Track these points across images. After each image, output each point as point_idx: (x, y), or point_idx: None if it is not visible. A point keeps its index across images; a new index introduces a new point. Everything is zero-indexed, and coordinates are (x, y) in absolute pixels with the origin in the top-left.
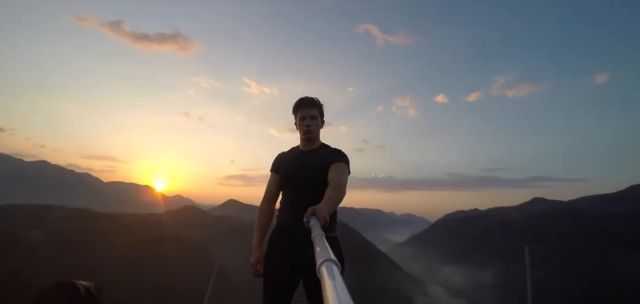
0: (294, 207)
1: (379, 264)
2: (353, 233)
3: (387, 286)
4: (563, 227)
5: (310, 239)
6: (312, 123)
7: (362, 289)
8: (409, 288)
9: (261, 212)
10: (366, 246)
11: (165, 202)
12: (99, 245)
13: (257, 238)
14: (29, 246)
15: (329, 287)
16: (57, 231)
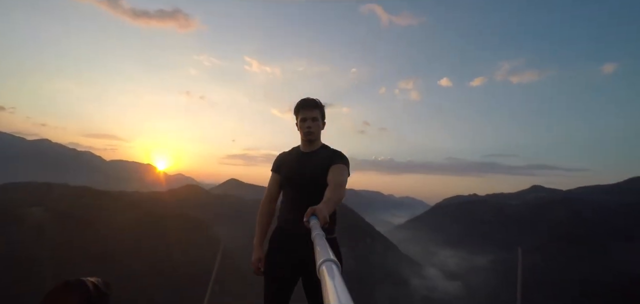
0: (294, 207)
1: (376, 245)
2: (352, 214)
3: (384, 267)
4: (561, 216)
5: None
6: (313, 125)
7: (360, 269)
8: (406, 269)
9: (262, 211)
10: (365, 227)
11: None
12: (102, 223)
13: (258, 237)
14: (33, 224)
15: (329, 287)
16: (60, 209)
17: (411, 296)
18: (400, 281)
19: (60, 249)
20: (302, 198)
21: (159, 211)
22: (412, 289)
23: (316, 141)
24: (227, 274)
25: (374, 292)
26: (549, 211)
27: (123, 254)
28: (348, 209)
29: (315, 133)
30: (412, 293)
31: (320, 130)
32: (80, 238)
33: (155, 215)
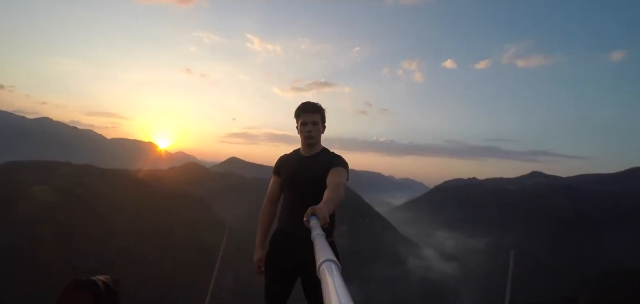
0: (294, 210)
1: (375, 225)
2: (351, 194)
3: (382, 247)
4: (559, 203)
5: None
6: (313, 129)
7: (357, 248)
8: (403, 250)
9: (263, 212)
10: (364, 207)
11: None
12: (105, 201)
13: (259, 238)
14: (38, 202)
15: (329, 287)
16: (64, 187)
17: (408, 276)
18: (397, 261)
19: (65, 227)
20: (301, 201)
21: (161, 189)
22: (409, 269)
23: (316, 144)
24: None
25: (371, 271)
26: (547, 197)
27: (127, 232)
28: (347, 189)
29: (316, 137)
30: (409, 272)
31: (321, 134)
32: (85, 216)
33: (158, 193)
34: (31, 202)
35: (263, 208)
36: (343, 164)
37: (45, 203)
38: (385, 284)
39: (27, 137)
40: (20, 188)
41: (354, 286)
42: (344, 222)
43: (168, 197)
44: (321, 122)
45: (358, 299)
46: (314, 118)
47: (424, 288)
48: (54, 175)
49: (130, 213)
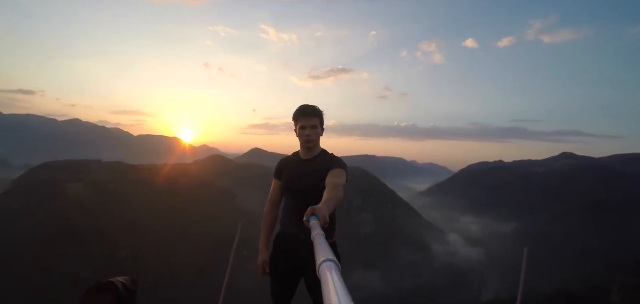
0: (295, 213)
1: (398, 211)
2: (374, 180)
3: (405, 233)
4: (590, 184)
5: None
6: (312, 133)
7: (382, 234)
8: (428, 235)
9: (266, 216)
10: (387, 193)
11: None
12: (135, 195)
13: (263, 241)
14: (74, 198)
15: (329, 287)
16: (97, 183)
17: (432, 262)
18: (421, 247)
19: (99, 221)
20: (301, 204)
21: (187, 182)
22: (433, 254)
23: (315, 148)
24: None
25: (395, 257)
26: (578, 179)
27: (156, 223)
28: (370, 176)
29: (315, 140)
30: (434, 258)
31: (320, 137)
32: (116, 210)
33: (184, 186)
34: (66, 199)
35: (265, 212)
36: (342, 166)
37: (79, 199)
38: (409, 270)
39: (59, 138)
40: (56, 186)
41: (378, 273)
42: (368, 209)
43: (194, 189)
44: (320, 125)
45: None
46: (313, 122)
47: (449, 274)
48: (86, 173)
49: (159, 205)
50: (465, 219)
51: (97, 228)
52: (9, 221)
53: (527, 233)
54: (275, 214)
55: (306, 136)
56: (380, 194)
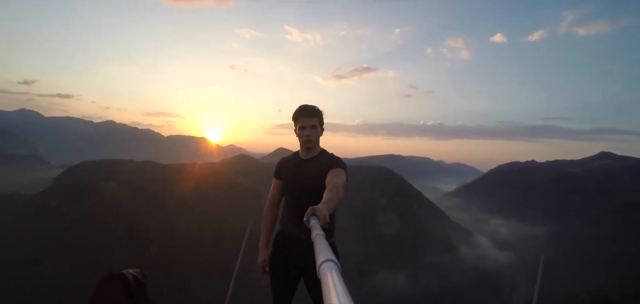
0: (294, 212)
1: (424, 212)
2: (399, 180)
3: (431, 234)
4: (628, 185)
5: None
6: (311, 133)
7: (407, 235)
8: (454, 237)
9: (266, 215)
10: (413, 193)
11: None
12: (165, 193)
13: (262, 240)
14: (108, 196)
15: (329, 287)
16: (129, 181)
17: (459, 264)
18: (448, 249)
19: (132, 218)
20: (301, 203)
21: (214, 181)
22: (460, 257)
23: (315, 147)
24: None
25: (421, 259)
26: (616, 179)
27: (186, 220)
28: (395, 175)
29: (314, 141)
30: (461, 260)
31: (319, 137)
32: (148, 207)
33: (211, 184)
34: (100, 197)
35: (265, 211)
36: (342, 165)
37: (113, 197)
38: (435, 272)
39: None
40: (91, 185)
41: (403, 275)
42: (393, 209)
43: (221, 188)
44: (319, 125)
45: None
46: (312, 122)
47: (477, 277)
48: (119, 172)
49: (188, 203)
50: (495, 221)
51: (128, 224)
52: (49, 217)
53: (560, 236)
54: (275, 213)
55: (305, 135)
56: (405, 194)
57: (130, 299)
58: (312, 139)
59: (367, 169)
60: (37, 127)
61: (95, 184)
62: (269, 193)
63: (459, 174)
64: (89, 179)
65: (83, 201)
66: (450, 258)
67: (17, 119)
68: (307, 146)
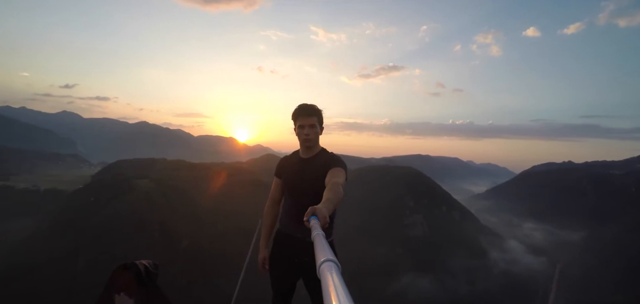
0: (294, 211)
1: (453, 214)
2: (427, 181)
3: (460, 237)
4: None
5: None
6: (311, 132)
7: (434, 237)
8: (485, 241)
9: (266, 213)
10: (441, 195)
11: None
12: (195, 190)
13: (263, 238)
14: (142, 193)
15: (328, 287)
16: (162, 179)
17: (489, 269)
18: (478, 253)
19: (164, 213)
20: (301, 202)
21: (242, 179)
22: (490, 261)
23: (314, 146)
24: None
25: (449, 262)
26: None
27: (214, 216)
28: (423, 176)
29: (313, 139)
30: (491, 265)
31: (319, 135)
32: (179, 203)
33: (239, 183)
34: (134, 193)
35: (266, 209)
36: (341, 165)
37: (146, 193)
38: (464, 276)
39: (129, 139)
40: (126, 182)
41: (429, 278)
42: (420, 211)
43: (248, 186)
44: (318, 124)
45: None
46: (311, 121)
47: (508, 283)
48: (152, 170)
49: (216, 200)
50: (528, 225)
51: (160, 219)
52: (87, 211)
53: (599, 242)
54: (276, 211)
55: (304, 134)
56: (433, 195)
57: (140, 287)
58: (311, 138)
59: (394, 169)
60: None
61: (130, 182)
62: (270, 193)
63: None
64: (124, 177)
65: (118, 197)
66: (480, 262)
67: (59, 121)
68: (306, 145)
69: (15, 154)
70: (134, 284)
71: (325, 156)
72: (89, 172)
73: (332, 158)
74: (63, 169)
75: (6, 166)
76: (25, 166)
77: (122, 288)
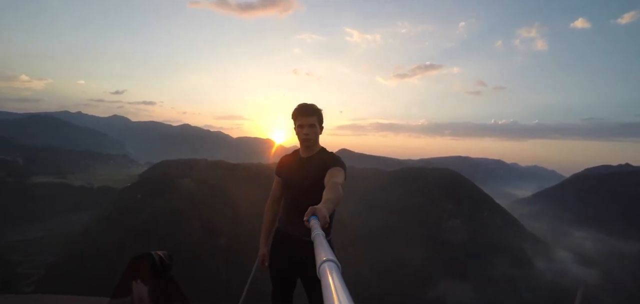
0: (293, 210)
1: (496, 219)
2: (467, 184)
3: (503, 243)
4: None
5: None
6: (310, 131)
7: (474, 243)
8: (530, 249)
9: (266, 212)
10: (483, 199)
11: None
12: (234, 189)
13: (263, 236)
14: (184, 191)
15: (329, 287)
16: (202, 178)
17: (534, 279)
18: (521, 262)
19: (204, 211)
20: (300, 201)
21: None
22: (536, 271)
23: (314, 146)
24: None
25: (489, 270)
26: None
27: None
28: (463, 178)
29: (313, 139)
30: (537, 275)
31: (318, 135)
32: (219, 201)
33: None
34: (177, 192)
35: (266, 207)
36: (341, 164)
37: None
38: (506, 285)
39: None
40: (170, 181)
41: (468, 286)
42: (460, 215)
43: None
44: (318, 123)
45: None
46: (310, 121)
47: (555, 295)
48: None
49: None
50: (578, 233)
51: (201, 217)
52: (135, 208)
53: None
54: (275, 209)
55: (304, 134)
56: (474, 199)
57: (155, 276)
58: (310, 137)
59: (433, 172)
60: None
61: (173, 181)
62: (271, 191)
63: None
64: (168, 176)
65: (163, 195)
66: (523, 271)
67: (111, 124)
68: (305, 145)
69: (72, 155)
70: (149, 274)
71: (324, 156)
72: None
73: (332, 158)
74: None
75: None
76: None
77: (138, 276)
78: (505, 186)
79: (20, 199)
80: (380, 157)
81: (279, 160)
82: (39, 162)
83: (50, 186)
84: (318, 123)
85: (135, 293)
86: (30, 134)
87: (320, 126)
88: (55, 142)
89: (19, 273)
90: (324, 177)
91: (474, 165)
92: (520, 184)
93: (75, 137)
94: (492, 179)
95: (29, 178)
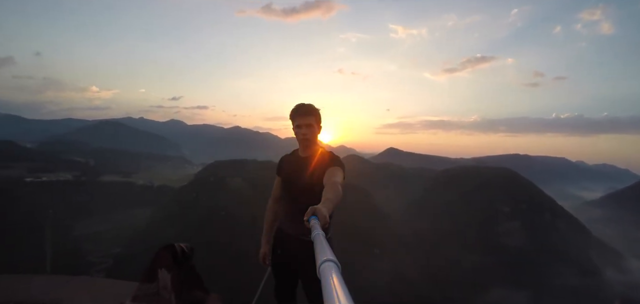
0: (292, 210)
1: (559, 223)
2: (526, 184)
3: (566, 250)
4: None
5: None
6: (308, 131)
7: (533, 248)
8: (599, 258)
9: (268, 211)
10: (544, 201)
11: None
12: None
13: (264, 234)
14: (235, 190)
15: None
16: (252, 178)
17: (603, 291)
18: (588, 271)
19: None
20: (299, 201)
21: None
22: (605, 282)
23: (312, 145)
24: (387, 237)
25: (550, 278)
26: None
27: None
28: (521, 178)
29: (311, 139)
30: (606, 286)
31: (317, 134)
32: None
33: None
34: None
35: (268, 207)
36: (339, 164)
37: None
38: (569, 296)
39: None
40: (222, 180)
41: (525, 295)
42: (517, 218)
43: None
44: (316, 123)
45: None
46: (308, 121)
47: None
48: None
49: None
50: None
51: (250, 215)
52: (190, 206)
53: None
54: (276, 208)
55: (302, 134)
56: (534, 200)
57: (176, 265)
58: (308, 137)
59: (487, 171)
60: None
61: (225, 180)
62: (272, 191)
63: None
64: (220, 176)
65: (216, 193)
66: (590, 282)
67: (169, 128)
68: (304, 145)
69: (135, 157)
70: (172, 263)
71: (323, 155)
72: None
73: (331, 157)
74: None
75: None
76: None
77: (163, 264)
78: (570, 186)
79: (92, 195)
80: (430, 155)
81: (280, 159)
82: (107, 163)
83: (116, 184)
84: (316, 123)
85: (160, 280)
86: (100, 138)
87: (319, 126)
88: (121, 145)
89: (90, 261)
90: (322, 176)
91: (533, 164)
92: (587, 184)
93: (138, 140)
94: (555, 179)
95: (99, 177)
